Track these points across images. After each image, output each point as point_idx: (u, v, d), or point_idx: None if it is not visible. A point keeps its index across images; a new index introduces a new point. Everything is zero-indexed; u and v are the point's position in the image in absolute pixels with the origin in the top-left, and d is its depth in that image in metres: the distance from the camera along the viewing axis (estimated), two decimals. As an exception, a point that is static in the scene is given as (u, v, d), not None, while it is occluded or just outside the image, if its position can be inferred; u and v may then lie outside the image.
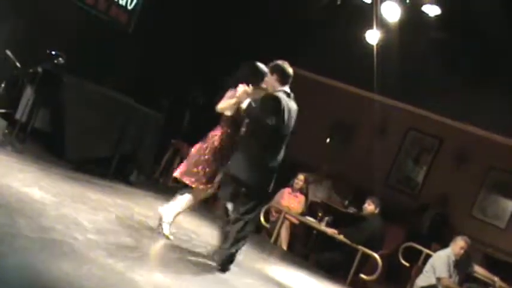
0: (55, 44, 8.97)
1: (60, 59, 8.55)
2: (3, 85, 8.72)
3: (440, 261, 8.87)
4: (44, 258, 4.42)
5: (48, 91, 8.82)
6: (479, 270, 9.57)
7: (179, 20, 11.03)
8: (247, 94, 6.26)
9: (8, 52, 8.61)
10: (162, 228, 6.44)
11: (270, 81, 6.35)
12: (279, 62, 6.37)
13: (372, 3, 9.80)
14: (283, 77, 6.33)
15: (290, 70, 6.34)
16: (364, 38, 10.41)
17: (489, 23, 9.16)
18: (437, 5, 9.38)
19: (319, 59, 12.35)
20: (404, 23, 9.78)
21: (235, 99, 6.29)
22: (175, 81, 11.45)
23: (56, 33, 9.37)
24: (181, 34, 11.05)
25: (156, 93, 10.76)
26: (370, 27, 10.21)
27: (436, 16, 9.50)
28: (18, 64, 8.66)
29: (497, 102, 10.53)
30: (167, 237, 6.42)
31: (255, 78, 6.41)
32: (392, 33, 10.09)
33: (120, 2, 10.40)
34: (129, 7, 10.53)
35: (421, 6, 9.50)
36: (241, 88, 6.25)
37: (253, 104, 6.18)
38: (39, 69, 8.55)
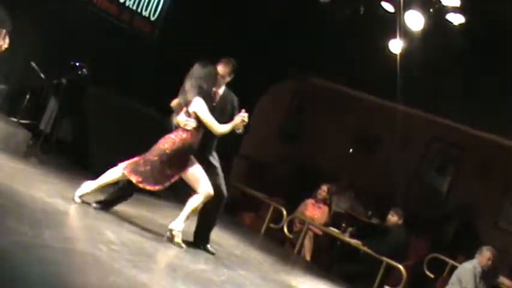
0: (79, 55, 9.03)
1: (84, 70, 8.61)
2: (27, 96, 8.79)
3: (466, 273, 8.75)
4: (68, 269, 4.41)
5: (72, 102, 8.89)
6: (505, 282, 9.46)
7: (202, 30, 11.05)
8: (243, 122, 6.52)
9: (33, 64, 8.68)
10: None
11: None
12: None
13: (395, 12, 9.74)
14: None
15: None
16: (388, 47, 10.34)
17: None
18: (461, 13, 9.29)
19: (342, 69, 12.30)
20: (428, 32, 9.70)
21: (232, 125, 6.50)
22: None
23: (79, 44, 9.42)
24: (204, 45, 11.06)
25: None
26: (394, 36, 10.14)
27: (461, 25, 9.41)
28: (42, 75, 8.73)
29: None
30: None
31: (206, 84, 6.50)
32: (415, 43, 10.01)
33: (144, 13, 10.45)
34: (152, 18, 10.57)
35: (445, 14, 9.41)
36: (239, 118, 6.49)
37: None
38: (63, 81, 8.62)
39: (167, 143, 6.37)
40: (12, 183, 6.02)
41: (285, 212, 10.73)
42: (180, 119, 6.44)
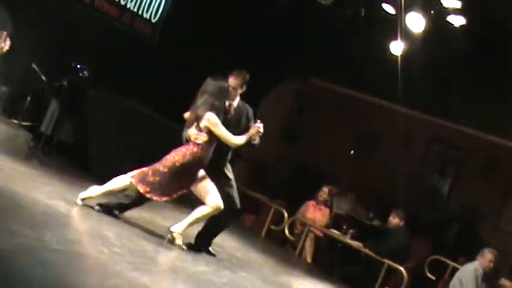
0: (79, 57, 9.03)
1: (85, 72, 8.61)
2: (28, 98, 8.79)
3: (467, 275, 8.74)
4: (69, 271, 4.41)
5: (73, 104, 8.89)
6: (506, 284, 9.44)
7: (203, 32, 11.05)
8: (258, 133, 6.54)
9: (34, 66, 8.68)
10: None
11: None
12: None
13: (396, 14, 9.74)
14: None
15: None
16: (389, 49, 10.35)
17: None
18: (462, 15, 9.29)
19: (343, 70, 12.31)
20: (429, 34, 9.70)
21: (247, 136, 6.51)
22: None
23: (80, 46, 9.43)
24: (206, 46, 11.08)
25: (181, 105, 10.77)
26: (395, 38, 10.14)
27: (461, 26, 9.41)
28: (43, 77, 8.73)
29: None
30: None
31: (218, 101, 6.47)
32: (416, 44, 10.01)
33: (145, 15, 10.45)
34: (153, 20, 10.57)
35: (446, 16, 9.41)
36: (255, 128, 6.52)
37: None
38: (64, 83, 8.62)
39: (177, 155, 6.33)
40: (14, 185, 6.02)
41: (286, 214, 10.73)
42: (191, 132, 6.42)
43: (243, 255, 7.87)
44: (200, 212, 6.41)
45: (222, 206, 6.40)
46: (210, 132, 6.37)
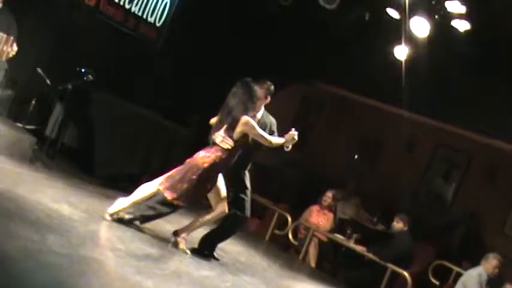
0: (84, 61, 9.06)
1: (90, 76, 8.63)
2: (33, 102, 8.82)
3: (472, 280, 8.71)
4: (73, 274, 4.41)
5: (77, 108, 8.91)
6: (511, 290, 9.40)
7: (208, 36, 11.07)
8: (293, 140, 6.50)
9: (39, 70, 8.71)
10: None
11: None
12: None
13: (400, 18, 9.74)
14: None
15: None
16: (393, 53, 10.34)
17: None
18: (467, 20, 9.28)
19: (348, 75, 12.30)
20: (433, 39, 9.69)
21: (283, 140, 6.50)
22: (205, 97, 11.46)
23: (85, 50, 9.45)
24: (209, 50, 11.09)
25: (185, 109, 10.79)
26: (399, 42, 10.14)
27: (466, 31, 9.40)
28: (48, 81, 8.76)
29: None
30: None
31: (251, 102, 6.40)
32: (421, 49, 10.00)
33: (149, 19, 10.47)
34: (158, 24, 10.59)
35: (451, 21, 9.40)
36: (291, 135, 6.47)
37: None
38: (69, 87, 8.64)
39: (206, 162, 6.24)
40: (17, 188, 6.03)
41: (289, 219, 10.71)
42: (218, 134, 6.32)
43: (247, 259, 7.86)
44: (205, 217, 6.41)
45: (226, 210, 6.40)
46: (239, 140, 6.29)
